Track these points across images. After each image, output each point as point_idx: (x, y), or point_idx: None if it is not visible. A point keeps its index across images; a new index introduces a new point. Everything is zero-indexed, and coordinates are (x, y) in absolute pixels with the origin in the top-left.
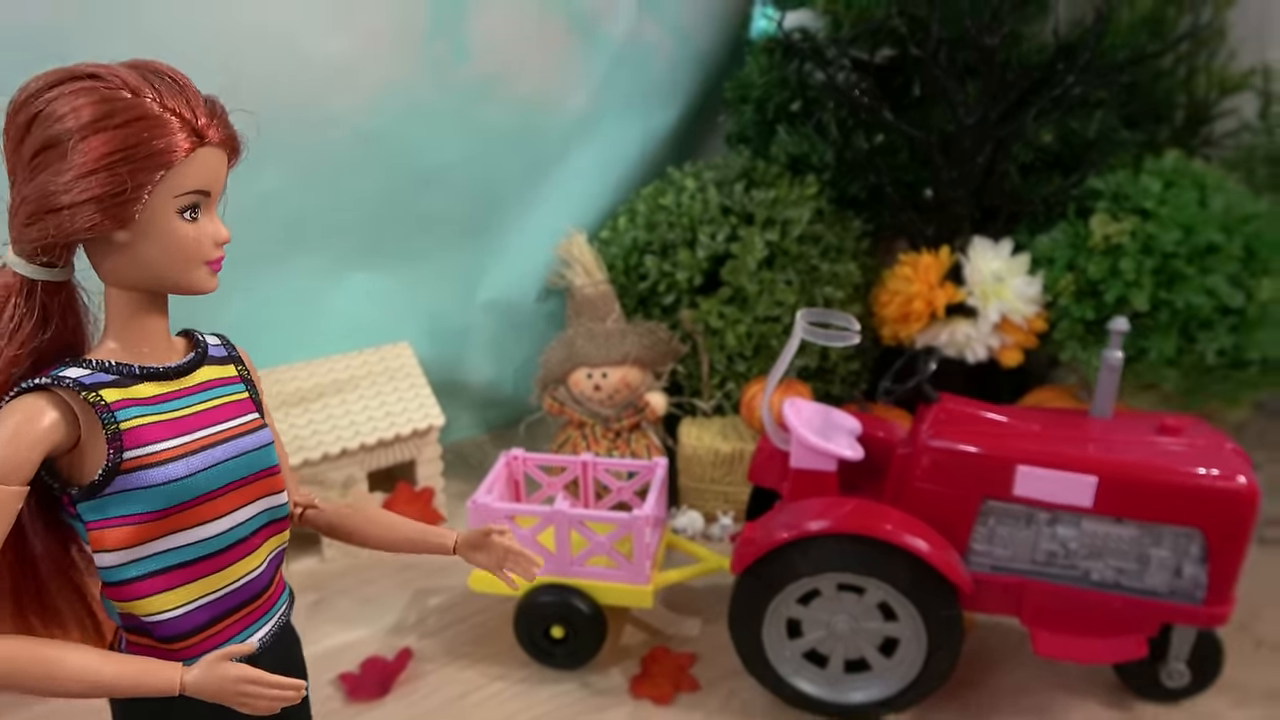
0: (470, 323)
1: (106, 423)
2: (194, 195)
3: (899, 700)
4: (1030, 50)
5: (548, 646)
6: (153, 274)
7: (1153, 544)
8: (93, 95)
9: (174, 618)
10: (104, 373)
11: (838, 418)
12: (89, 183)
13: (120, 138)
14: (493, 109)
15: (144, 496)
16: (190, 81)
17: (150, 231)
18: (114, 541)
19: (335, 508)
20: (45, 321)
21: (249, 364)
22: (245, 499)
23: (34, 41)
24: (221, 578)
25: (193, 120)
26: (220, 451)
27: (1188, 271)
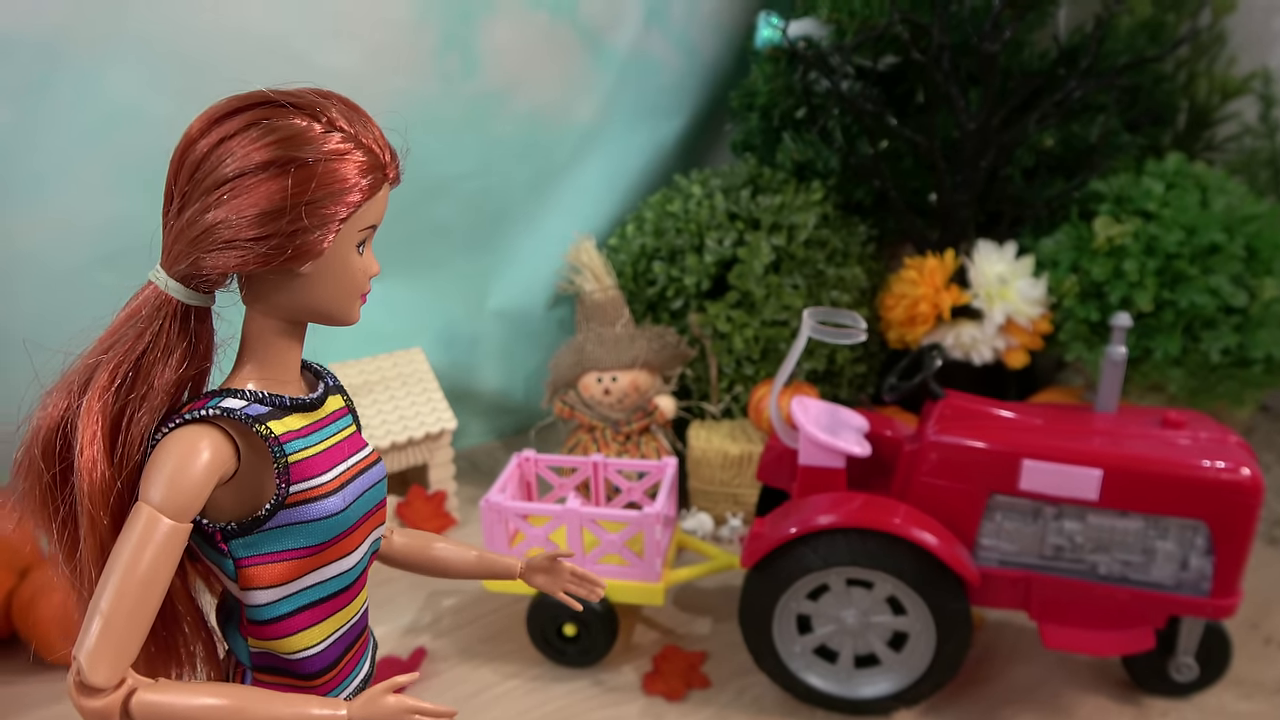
0: (480, 331)
1: (277, 456)
2: (370, 230)
3: (909, 694)
4: (1032, 56)
5: (560, 645)
6: (319, 306)
7: (1158, 536)
8: (306, 124)
9: (318, 653)
10: (259, 404)
11: (845, 415)
12: (284, 218)
13: (331, 171)
14: (502, 120)
15: (303, 531)
16: (364, 111)
17: (332, 265)
18: (269, 578)
19: (404, 539)
20: (194, 347)
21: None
22: (370, 530)
23: (49, 48)
24: (351, 610)
25: (381, 157)
26: (360, 484)
27: (1191, 272)
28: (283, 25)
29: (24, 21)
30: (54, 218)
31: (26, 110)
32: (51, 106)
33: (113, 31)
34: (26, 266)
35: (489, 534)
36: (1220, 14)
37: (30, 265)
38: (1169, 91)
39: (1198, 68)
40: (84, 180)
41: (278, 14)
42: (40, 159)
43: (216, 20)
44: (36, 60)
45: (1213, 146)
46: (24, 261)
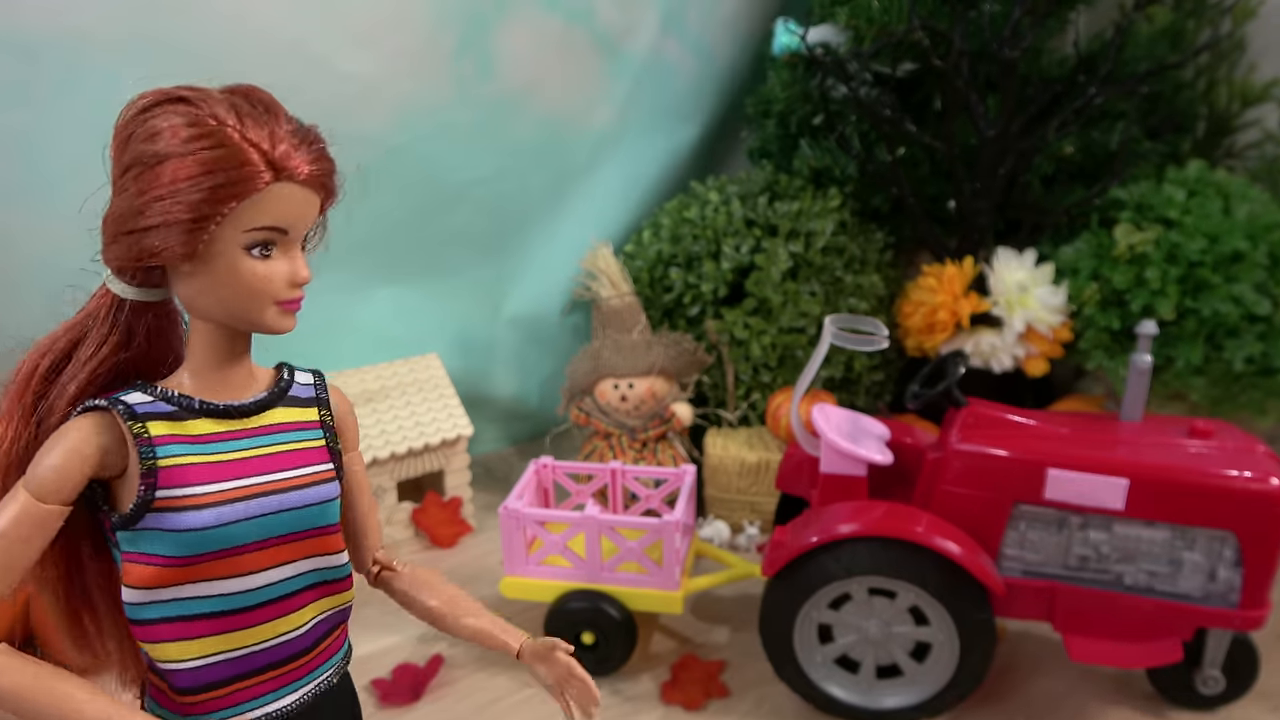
0: (496, 337)
1: (144, 456)
2: (266, 232)
3: (931, 706)
4: (1051, 63)
5: (578, 653)
6: (220, 308)
7: (1185, 547)
8: (176, 120)
9: (188, 669)
10: (165, 402)
11: (866, 423)
12: (156, 209)
13: (190, 166)
14: (518, 126)
15: (169, 539)
16: (284, 112)
17: (216, 265)
18: (137, 578)
19: (411, 577)
20: (128, 341)
21: (342, 408)
22: (287, 556)
23: (71, 50)
24: (249, 635)
25: (269, 153)
26: (263, 504)
27: (1213, 280)
28: (302, 29)
29: (46, 24)
30: (72, 219)
31: (47, 112)
32: (71, 109)
33: (133, 35)
34: (43, 267)
35: (507, 541)
36: (1240, 21)
37: (47, 266)
38: (1189, 99)
39: (1218, 75)
40: (102, 182)
41: (298, 19)
42: (59, 161)
43: (237, 24)
44: (57, 63)
45: (1233, 154)
46: (41, 262)
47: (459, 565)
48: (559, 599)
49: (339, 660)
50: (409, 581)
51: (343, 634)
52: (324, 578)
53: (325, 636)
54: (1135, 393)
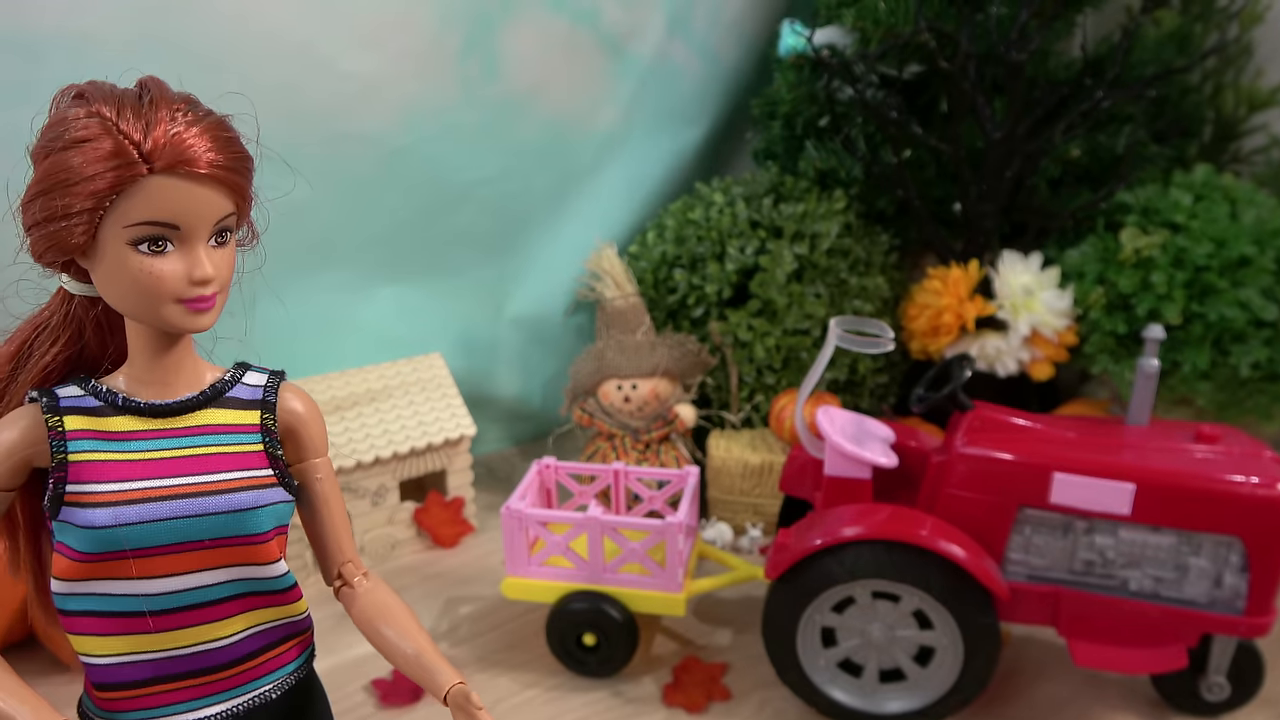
0: (499, 337)
1: (55, 450)
2: (150, 228)
3: (934, 710)
4: (1058, 66)
5: (580, 654)
6: (123, 305)
7: (1191, 553)
8: (68, 114)
9: (103, 665)
10: (93, 397)
11: (871, 426)
12: (42, 203)
13: (67, 160)
14: (523, 126)
15: (75, 534)
16: (173, 101)
17: (106, 261)
18: (58, 568)
19: (366, 599)
20: (79, 336)
21: (299, 412)
22: (202, 563)
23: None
24: (164, 639)
25: (142, 144)
26: (170, 507)
27: (1220, 284)
28: (308, 31)
29: (52, 24)
30: None
31: None
32: None
33: (139, 36)
34: None
35: (509, 541)
36: (1247, 26)
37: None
38: (1196, 103)
39: (1225, 79)
40: None
41: (304, 20)
42: None
43: (243, 26)
44: (63, 63)
45: (1240, 159)
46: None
47: (460, 565)
48: (561, 600)
49: (283, 675)
50: (363, 602)
51: (293, 648)
52: (254, 589)
53: (263, 650)
54: (1142, 397)
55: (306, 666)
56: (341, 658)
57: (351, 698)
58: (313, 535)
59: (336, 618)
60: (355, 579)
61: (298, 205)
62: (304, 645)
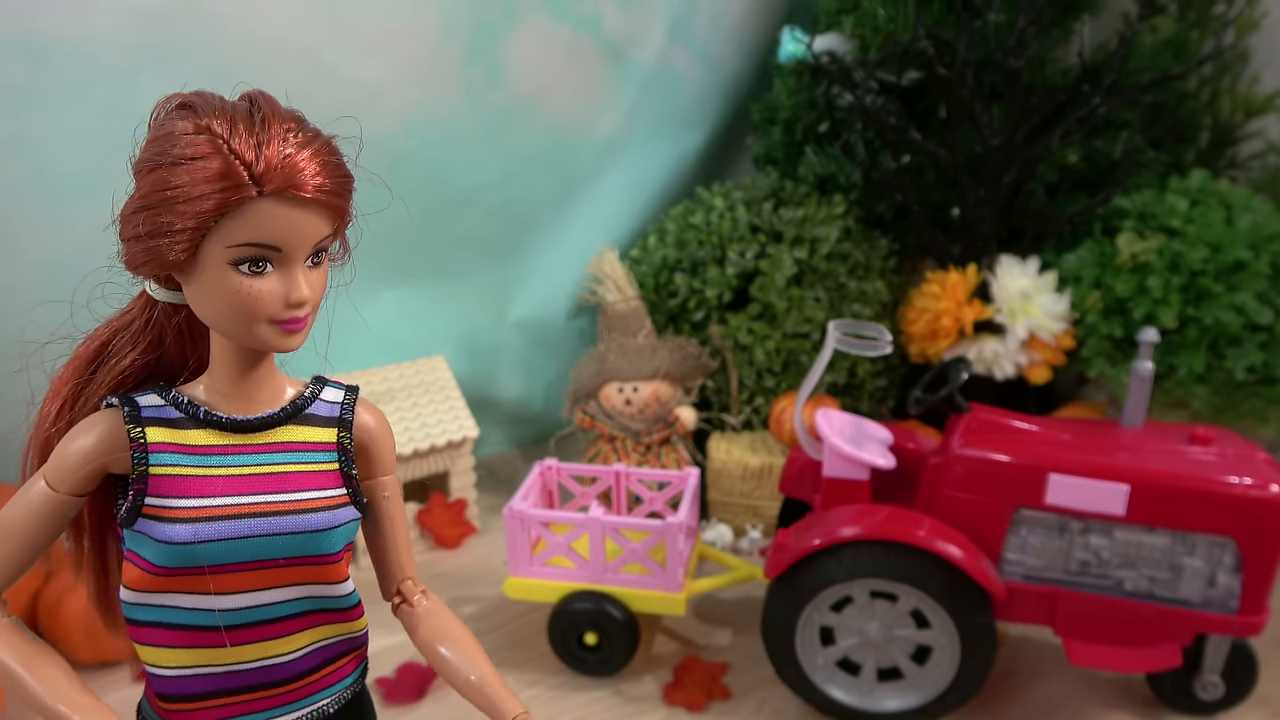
0: (501, 340)
1: (137, 462)
2: (253, 249)
3: (932, 709)
4: (1055, 73)
5: (581, 653)
6: (216, 321)
7: (1186, 553)
8: (176, 126)
9: (168, 676)
10: (174, 407)
11: (869, 428)
12: (146, 216)
13: (175, 176)
14: (526, 132)
15: (152, 547)
16: (287, 122)
17: (205, 279)
18: (129, 577)
19: (425, 616)
20: (160, 341)
21: (371, 429)
22: (274, 581)
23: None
24: (230, 653)
25: (253, 166)
26: (248, 525)
27: (1216, 289)
28: (314, 37)
29: (59, 30)
30: (85, 224)
31: (60, 118)
32: (84, 115)
33: (145, 42)
34: (51, 270)
35: (511, 542)
36: (1243, 32)
37: (54, 269)
38: (1192, 109)
39: (1221, 86)
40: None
41: (310, 27)
42: (73, 166)
43: (249, 32)
44: (69, 68)
45: (1236, 164)
46: (48, 265)
47: (463, 566)
48: (563, 600)
49: (341, 689)
50: (421, 619)
51: (352, 661)
52: (321, 606)
53: (325, 664)
54: (1136, 399)
55: (361, 680)
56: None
57: None
58: (375, 551)
59: None
60: (415, 597)
61: None
62: (360, 659)
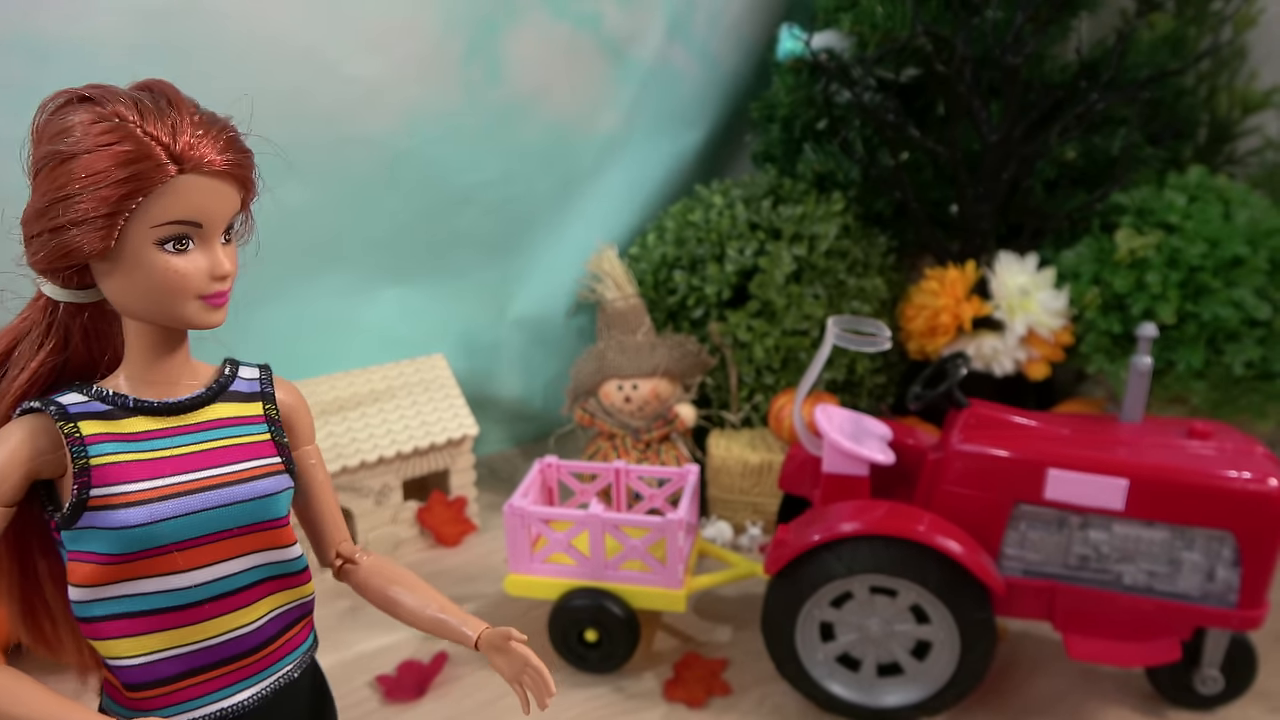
0: (501, 338)
1: (76, 456)
2: (177, 226)
3: (932, 704)
4: (1054, 69)
5: (581, 650)
6: (143, 305)
7: (1184, 547)
8: (80, 118)
9: (136, 665)
10: (100, 401)
11: (868, 424)
12: (64, 207)
13: (93, 162)
14: (525, 130)
15: (105, 537)
16: (188, 104)
17: (130, 262)
18: (80, 576)
19: (369, 567)
20: (65, 342)
21: (290, 402)
22: (233, 551)
23: (85, 55)
24: (197, 631)
25: (170, 145)
26: (201, 499)
27: (1214, 284)
28: (313, 36)
29: (59, 28)
30: None
31: None
32: None
33: (145, 41)
34: None
35: (511, 539)
36: (1241, 29)
37: None
38: (1190, 105)
39: (1219, 82)
40: None
41: (309, 25)
42: None
43: (249, 31)
44: (69, 67)
45: (1234, 160)
46: None
47: (463, 564)
48: (563, 596)
49: (301, 654)
50: (369, 573)
51: (306, 627)
52: (275, 572)
53: (283, 631)
54: (1135, 394)
55: (314, 646)
56: (345, 654)
57: (356, 694)
58: (308, 519)
59: (339, 615)
60: (356, 555)
61: (302, 208)
62: (310, 626)
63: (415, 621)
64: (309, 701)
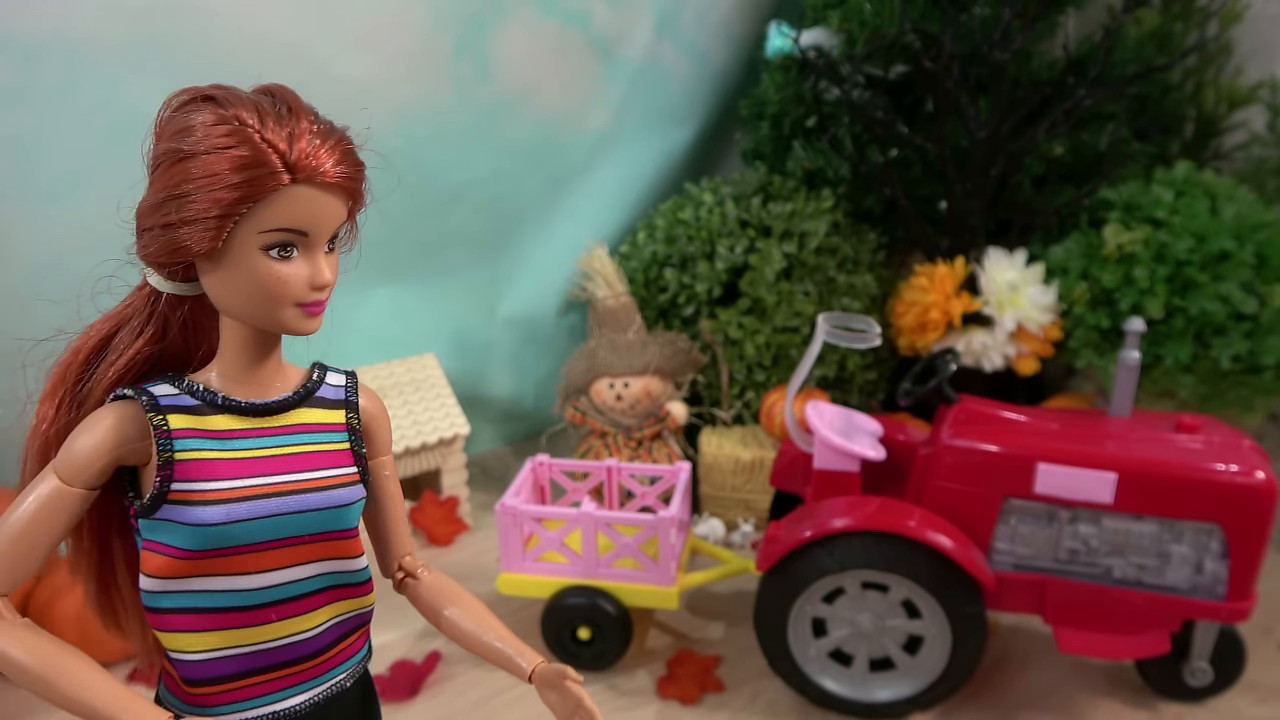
0: (492, 338)
1: (162, 449)
2: (283, 234)
3: (924, 698)
4: (1041, 66)
5: (575, 648)
6: (241, 307)
7: (1173, 540)
8: (201, 118)
9: (196, 661)
10: (190, 395)
11: (859, 420)
12: (175, 205)
13: (209, 164)
14: (515, 128)
15: (181, 531)
16: (308, 113)
17: (234, 264)
18: (152, 567)
19: (433, 587)
20: (164, 333)
21: (372, 411)
22: (300, 558)
23: (74, 54)
24: (258, 633)
25: (287, 154)
26: (277, 504)
27: (1201, 279)
28: (302, 34)
29: (48, 27)
30: (76, 221)
31: (49, 114)
32: (74, 111)
33: (136, 39)
34: (40, 269)
35: (504, 538)
36: (1227, 24)
37: (44, 268)
38: (1177, 101)
39: (1205, 77)
40: (106, 184)
41: (298, 23)
42: (62, 163)
43: (237, 29)
44: (58, 66)
45: (1220, 155)
46: (38, 264)
47: (456, 563)
48: (555, 595)
49: (355, 663)
50: (431, 591)
51: (362, 637)
52: (340, 581)
53: (341, 639)
54: (1123, 389)
55: (369, 656)
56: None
57: None
58: (375, 529)
59: None
60: (418, 570)
61: None
62: (367, 635)
63: (470, 645)
64: (359, 709)
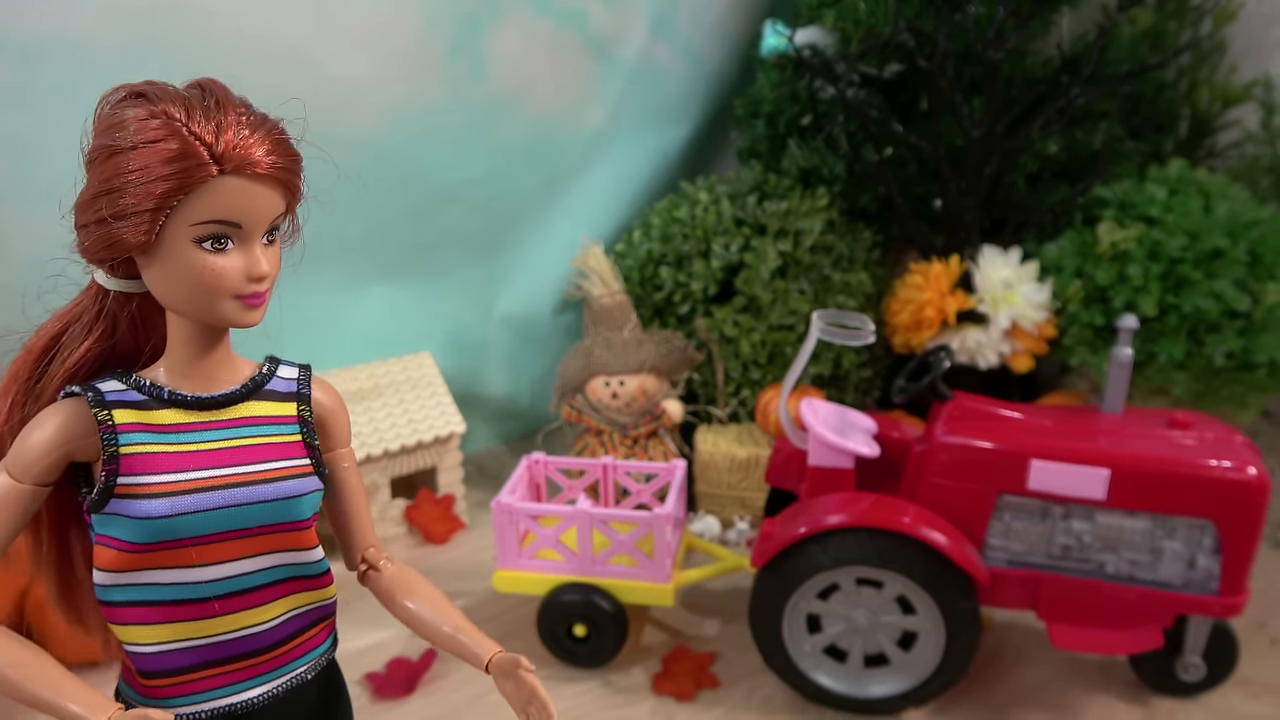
0: (488, 336)
1: (107, 444)
2: (215, 226)
3: (918, 693)
4: (1035, 64)
5: (570, 645)
6: (179, 301)
7: (1166, 536)
8: (131, 113)
9: (149, 653)
10: (136, 391)
11: (854, 417)
12: (107, 200)
13: (137, 159)
14: (510, 127)
15: (128, 525)
16: (238, 105)
17: (168, 258)
18: (103, 561)
19: (393, 577)
20: (113, 330)
21: (327, 404)
22: (250, 550)
23: (74, 55)
24: (211, 625)
25: (213, 146)
26: (222, 496)
27: (1194, 276)
28: (300, 35)
29: (47, 28)
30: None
31: (49, 115)
32: (73, 112)
33: (135, 40)
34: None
35: (500, 535)
36: (1221, 23)
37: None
38: (1170, 99)
39: (1199, 76)
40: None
41: (296, 24)
42: (57, 164)
43: (236, 29)
44: (57, 67)
45: (1214, 153)
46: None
47: (452, 561)
48: (551, 592)
49: (316, 656)
50: (390, 581)
51: (323, 630)
52: (295, 573)
53: (300, 632)
54: (1116, 385)
55: (333, 649)
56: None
57: None
58: (338, 521)
59: None
60: (380, 562)
61: None
62: (331, 628)
63: (430, 636)
64: (322, 701)
